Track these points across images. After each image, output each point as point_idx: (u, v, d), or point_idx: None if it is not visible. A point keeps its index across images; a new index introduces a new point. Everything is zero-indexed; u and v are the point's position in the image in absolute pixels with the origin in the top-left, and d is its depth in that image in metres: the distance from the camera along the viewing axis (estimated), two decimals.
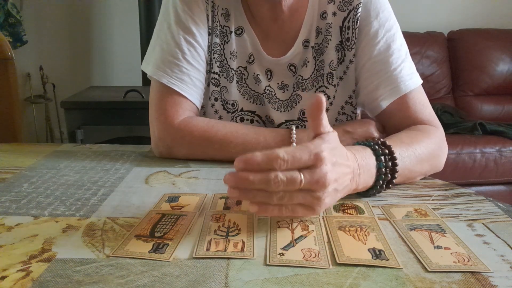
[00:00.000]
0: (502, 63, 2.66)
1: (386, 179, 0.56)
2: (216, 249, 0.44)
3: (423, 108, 0.75)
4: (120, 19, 2.76)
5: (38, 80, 2.71)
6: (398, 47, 0.75)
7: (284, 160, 0.42)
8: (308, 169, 0.44)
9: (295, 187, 0.43)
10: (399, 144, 0.61)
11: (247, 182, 0.42)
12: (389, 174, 0.56)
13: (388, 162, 0.56)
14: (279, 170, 0.42)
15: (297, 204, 0.45)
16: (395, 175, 0.57)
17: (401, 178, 0.60)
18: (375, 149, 0.56)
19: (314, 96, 0.47)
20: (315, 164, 0.44)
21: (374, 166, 0.55)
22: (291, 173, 0.43)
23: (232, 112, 0.81)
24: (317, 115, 0.48)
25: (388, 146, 0.57)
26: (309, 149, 0.44)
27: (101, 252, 0.43)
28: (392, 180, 0.57)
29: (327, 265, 0.41)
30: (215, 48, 0.79)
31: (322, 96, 0.47)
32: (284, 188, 0.43)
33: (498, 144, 2.15)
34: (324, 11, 0.78)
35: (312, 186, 0.44)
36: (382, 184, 0.56)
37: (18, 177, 0.65)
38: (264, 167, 0.42)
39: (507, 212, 0.54)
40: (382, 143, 0.57)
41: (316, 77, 0.80)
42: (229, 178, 0.43)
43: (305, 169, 0.44)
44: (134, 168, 0.70)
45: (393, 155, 0.56)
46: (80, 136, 2.04)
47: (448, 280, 0.39)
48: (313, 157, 0.44)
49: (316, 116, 0.48)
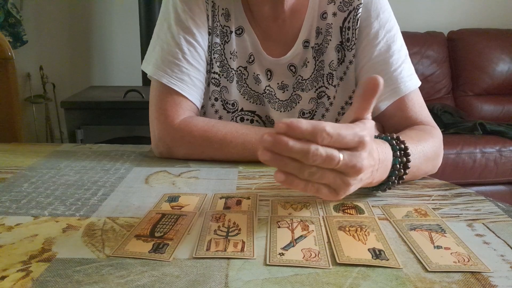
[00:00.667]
0: (502, 63, 2.66)
1: (398, 175, 0.56)
2: (216, 249, 0.44)
3: (421, 110, 0.75)
4: (120, 19, 2.76)
5: (38, 80, 2.71)
6: (398, 48, 0.75)
7: (329, 135, 0.40)
8: (348, 151, 0.42)
9: (331, 165, 0.41)
10: (410, 141, 0.60)
11: (285, 147, 0.39)
12: (402, 170, 0.56)
13: (403, 157, 0.55)
14: (320, 144, 0.40)
15: (324, 184, 0.43)
16: (406, 172, 0.56)
17: (409, 176, 0.59)
18: (393, 144, 0.55)
19: (371, 77, 0.44)
20: (356, 147, 0.43)
21: (391, 161, 0.54)
22: (331, 150, 0.41)
23: (232, 112, 0.81)
24: (370, 98, 0.45)
25: (403, 141, 0.56)
26: (355, 131, 0.43)
27: (101, 252, 0.43)
28: (402, 176, 0.56)
29: (327, 265, 0.41)
30: (215, 48, 0.79)
31: (380, 78, 0.44)
32: (320, 163, 0.41)
33: (498, 144, 2.15)
34: (324, 12, 0.78)
35: (347, 169, 0.42)
36: (394, 180, 0.56)
37: (18, 177, 0.65)
38: (306, 136, 0.40)
39: (507, 212, 0.54)
40: (397, 137, 0.57)
41: (316, 77, 0.80)
42: (266, 138, 0.40)
43: (344, 149, 0.42)
44: (134, 168, 0.70)
45: (407, 151, 0.56)
46: (80, 136, 2.04)
47: (448, 280, 0.39)
48: (357, 140, 0.42)
49: (368, 98, 0.45)
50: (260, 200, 0.56)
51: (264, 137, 0.40)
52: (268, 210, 0.53)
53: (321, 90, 0.80)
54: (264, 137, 0.40)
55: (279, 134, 0.40)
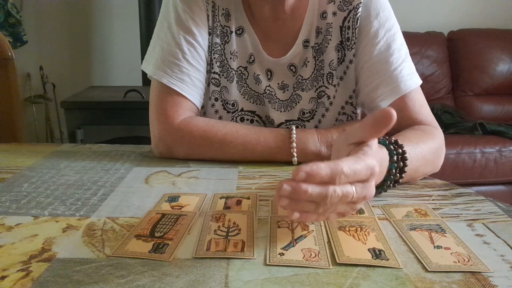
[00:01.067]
0: (502, 63, 2.66)
1: (394, 179, 0.56)
2: (216, 249, 0.44)
3: (422, 109, 0.75)
4: (120, 19, 2.76)
5: (38, 80, 2.71)
6: (399, 47, 0.75)
7: (346, 175, 0.41)
8: (359, 183, 0.43)
9: (346, 201, 0.42)
10: (408, 143, 0.60)
11: (305, 195, 0.39)
12: (397, 174, 0.56)
13: (399, 162, 0.55)
14: (337, 185, 0.41)
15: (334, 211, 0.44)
16: (402, 175, 0.56)
17: (406, 178, 0.59)
18: (390, 149, 0.55)
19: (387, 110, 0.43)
20: (367, 179, 0.43)
21: (386, 167, 0.54)
22: (347, 188, 0.41)
23: (232, 112, 0.81)
24: (381, 128, 0.45)
25: (401, 146, 0.56)
26: (367, 164, 0.43)
27: (101, 252, 0.43)
28: (398, 180, 0.57)
29: (327, 265, 0.41)
30: (216, 48, 0.79)
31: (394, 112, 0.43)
32: (336, 202, 0.41)
33: (498, 144, 2.15)
34: (324, 11, 0.78)
35: (358, 200, 0.43)
36: (389, 184, 0.56)
37: (18, 177, 0.65)
38: (325, 180, 0.40)
39: (507, 212, 0.54)
40: (395, 141, 0.56)
41: (316, 77, 0.80)
42: (285, 188, 0.39)
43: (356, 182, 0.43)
44: (134, 168, 0.70)
45: (404, 155, 0.56)
46: (80, 136, 2.04)
47: (448, 280, 0.39)
48: (369, 173, 0.43)
49: (379, 129, 0.45)
50: (260, 200, 0.56)
51: (284, 186, 0.39)
52: (268, 210, 0.53)
53: (321, 89, 0.80)
54: (283, 187, 0.39)
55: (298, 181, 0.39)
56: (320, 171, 0.39)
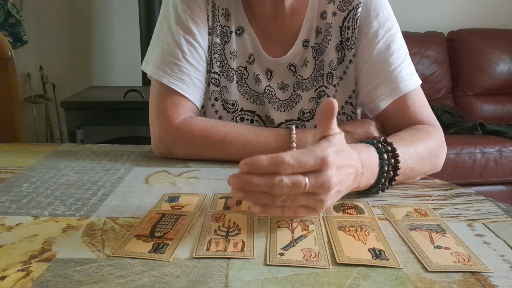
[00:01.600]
0: (502, 63, 2.66)
1: (388, 177, 0.56)
2: (216, 249, 0.44)
3: (422, 109, 0.75)
4: (120, 19, 2.76)
5: (38, 80, 2.71)
6: (398, 47, 0.75)
7: (290, 165, 0.42)
8: (313, 173, 0.44)
9: (299, 191, 0.43)
10: (401, 143, 0.61)
11: (252, 185, 0.42)
12: (391, 172, 0.56)
13: (390, 159, 0.56)
14: (284, 174, 0.42)
15: (300, 205, 0.45)
16: (397, 173, 0.57)
17: (402, 177, 0.60)
18: (378, 147, 0.56)
19: (327, 100, 0.47)
20: (320, 169, 0.44)
21: (377, 164, 0.55)
22: (296, 177, 0.43)
23: (232, 112, 0.81)
24: (328, 119, 0.48)
25: (390, 143, 0.57)
26: (315, 153, 0.44)
27: (101, 252, 0.43)
28: (394, 178, 0.57)
29: (327, 265, 0.41)
30: (216, 48, 0.79)
31: (335, 101, 0.47)
32: (288, 191, 0.43)
33: (498, 144, 2.15)
34: (324, 11, 0.78)
35: (316, 189, 0.44)
36: (384, 182, 0.56)
37: (18, 177, 0.65)
38: (269, 170, 0.42)
39: (507, 212, 0.54)
40: (384, 140, 0.57)
41: (316, 77, 0.80)
42: (233, 180, 0.42)
43: (309, 172, 0.44)
44: (134, 168, 0.70)
45: (395, 153, 0.56)
46: (80, 136, 2.04)
47: (448, 280, 0.39)
48: (319, 162, 0.44)
49: (327, 120, 0.48)
50: None
51: (230, 179, 0.42)
52: None
53: (321, 89, 0.80)
54: (230, 179, 0.42)
55: (244, 173, 0.42)
56: (261, 162, 0.42)
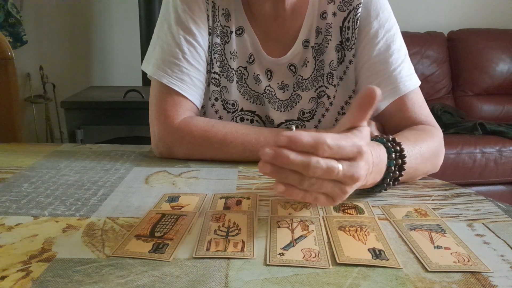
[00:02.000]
0: (502, 63, 2.66)
1: (393, 177, 0.56)
2: (216, 249, 0.44)
3: (421, 109, 0.75)
4: (120, 19, 2.76)
5: (38, 80, 2.71)
6: (398, 47, 0.75)
7: (330, 147, 0.41)
8: (347, 161, 0.43)
9: (331, 177, 0.42)
10: (406, 142, 0.60)
11: (287, 161, 0.40)
12: (397, 172, 0.56)
13: (398, 159, 0.56)
14: (321, 156, 0.41)
15: (322, 192, 0.44)
16: (402, 173, 0.57)
17: (406, 177, 0.59)
18: (388, 147, 0.55)
19: (369, 88, 0.44)
20: (355, 157, 0.43)
21: (385, 164, 0.55)
22: (331, 162, 0.41)
23: (232, 112, 0.82)
24: (367, 108, 0.46)
25: (399, 143, 0.57)
26: (353, 141, 0.43)
27: (101, 252, 0.43)
28: (398, 178, 0.57)
29: (327, 265, 0.41)
30: (216, 48, 0.79)
31: (378, 89, 0.44)
32: (320, 175, 0.41)
33: (498, 144, 2.15)
34: (324, 11, 0.78)
35: (345, 179, 0.43)
36: (389, 182, 0.56)
37: (18, 177, 0.65)
38: (307, 149, 0.40)
39: (507, 212, 0.54)
40: (393, 139, 0.57)
41: (316, 77, 0.80)
42: (268, 151, 0.40)
43: (343, 159, 0.43)
44: (134, 168, 0.70)
45: (402, 153, 0.56)
46: (80, 136, 2.04)
47: (448, 280, 0.39)
48: (356, 150, 0.43)
49: (365, 108, 0.46)
50: (260, 200, 0.56)
51: (266, 150, 0.40)
52: (268, 210, 0.53)
53: (321, 89, 0.80)
54: (265, 151, 0.40)
55: (280, 147, 0.40)
56: (302, 138, 0.40)
